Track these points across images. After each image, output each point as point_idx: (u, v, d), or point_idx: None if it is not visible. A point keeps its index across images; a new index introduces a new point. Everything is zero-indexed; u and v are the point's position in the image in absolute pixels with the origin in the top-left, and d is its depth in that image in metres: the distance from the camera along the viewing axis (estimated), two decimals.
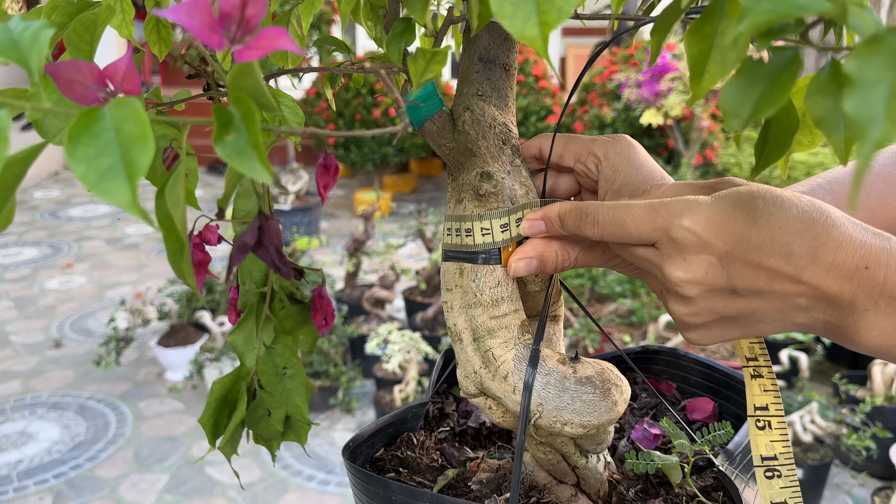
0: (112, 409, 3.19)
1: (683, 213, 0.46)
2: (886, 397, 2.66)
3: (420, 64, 0.46)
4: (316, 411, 3.15)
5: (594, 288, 3.32)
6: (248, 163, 0.31)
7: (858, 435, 2.44)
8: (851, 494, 2.59)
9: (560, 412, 0.53)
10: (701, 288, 0.47)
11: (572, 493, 0.64)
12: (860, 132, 0.25)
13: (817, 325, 0.47)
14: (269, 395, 0.46)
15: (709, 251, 0.46)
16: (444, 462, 0.67)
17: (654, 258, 0.49)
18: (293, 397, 0.46)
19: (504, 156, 0.57)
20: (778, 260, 0.44)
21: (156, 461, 2.83)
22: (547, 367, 0.54)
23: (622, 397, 0.55)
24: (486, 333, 0.56)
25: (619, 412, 0.54)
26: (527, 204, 0.57)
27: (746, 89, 0.32)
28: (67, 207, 6.48)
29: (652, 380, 0.79)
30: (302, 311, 0.49)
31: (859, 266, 0.44)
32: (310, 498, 2.62)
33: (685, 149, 4.61)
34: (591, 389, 0.53)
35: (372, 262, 4.19)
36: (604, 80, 5.55)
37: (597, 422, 0.53)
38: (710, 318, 0.48)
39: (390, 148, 5.92)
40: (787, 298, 0.46)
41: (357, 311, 3.63)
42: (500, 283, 0.56)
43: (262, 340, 0.46)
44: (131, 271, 4.90)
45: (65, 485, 2.68)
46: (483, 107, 0.57)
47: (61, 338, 3.88)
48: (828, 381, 3.14)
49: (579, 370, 0.54)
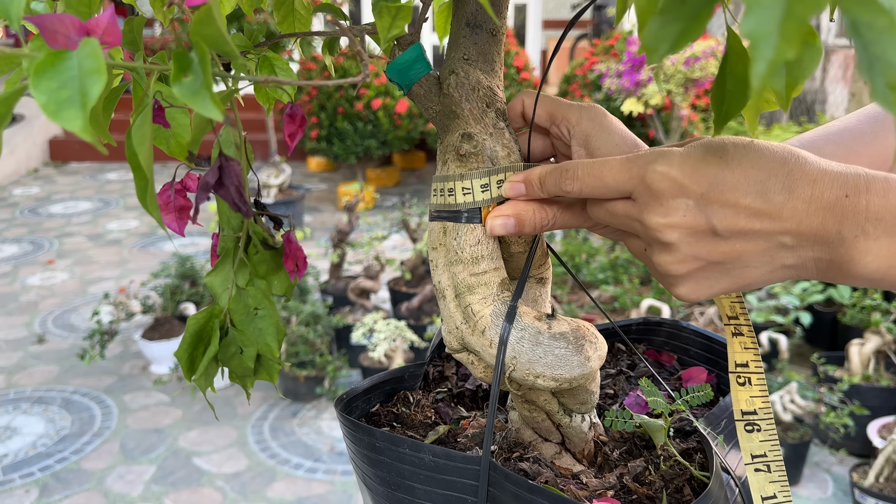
0: (97, 403, 3.18)
1: (657, 160, 0.47)
2: (864, 376, 2.71)
3: (385, 20, 0.47)
4: (302, 401, 3.16)
5: (577, 275, 3.36)
6: (202, 102, 0.34)
7: (836, 413, 2.50)
8: (831, 472, 2.65)
9: (532, 365, 0.55)
10: (681, 231, 0.47)
11: (556, 450, 0.66)
12: (755, 51, 0.26)
13: (808, 265, 0.46)
14: (240, 333, 0.48)
15: (685, 194, 0.46)
16: (437, 419, 0.69)
17: (633, 210, 0.49)
18: (264, 336, 0.48)
19: (487, 118, 0.59)
20: (754, 198, 0.45)
21: (142, 453, 2.82)
22: (522, 323, 0.56)
23: (596, 353, 0.56)
24: (466, 290, 0.57)
25: (592, 368, 0.56)
26: (508, 167, 0.58)
27: (667, 26, 0.33)
28: (48, 204, 6.42)
29: (652, 351, 0.80)
30: (275, 257, 0.51)
31: (839, 196, 0.44)
32: (297, 486, 2.63)
33: (665, 138, 4.65)
34: (564, 344, 0.55)
35: (356, 253, 4.20)
36: (585, 72, 5.59)
37: (568, 375, 0.55)
38: (696, 266, 0.48)
39: (373, 140, 5.92)
40: (770, 237, 0.45)
41: (342, 301, 3.64)
42: (481, 241, 0.58)
43: (235, 282, 0.48)
44: (114, 267, 4.87)
45: (51, 478, 2.67)
46: (468, 70, 0.59)
47: (44, 333, 3.86)
48: (807, 362, 3.20)
49: (554, 326, 0.56)
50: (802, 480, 2.59)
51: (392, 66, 0.59)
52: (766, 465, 0.54)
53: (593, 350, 0.56)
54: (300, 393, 3.15)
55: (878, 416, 2.60)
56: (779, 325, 3.09)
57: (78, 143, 7.94)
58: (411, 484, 0.56)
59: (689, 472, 0.58)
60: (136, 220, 5.93)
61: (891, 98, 0.29)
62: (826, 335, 3.30)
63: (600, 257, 3.44)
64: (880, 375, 2.75)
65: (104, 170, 7.69)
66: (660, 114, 4.84)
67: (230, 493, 2.59)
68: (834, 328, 3.27)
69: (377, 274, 3.53)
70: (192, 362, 0.47)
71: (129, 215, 6.08)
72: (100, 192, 6.86)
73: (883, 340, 2.74)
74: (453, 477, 0.55)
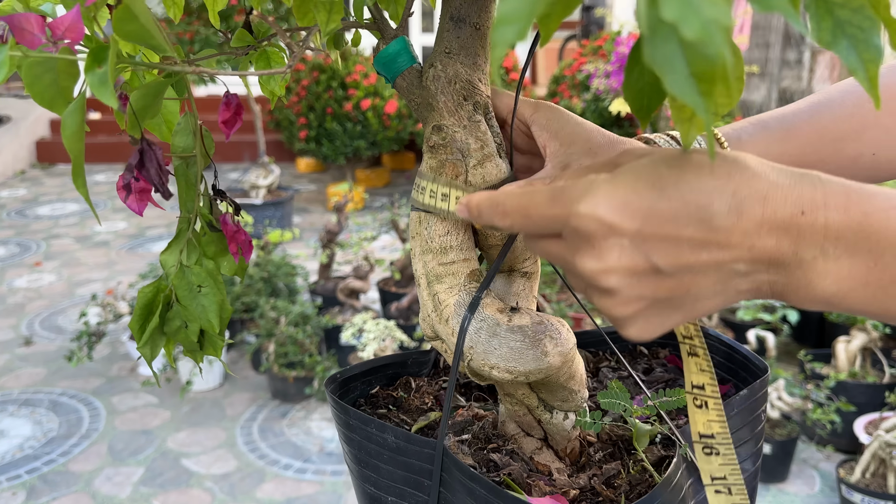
0: (85, 405, 3.17)
1: (581, 199, 0.41)
2: (850, 373, 2.73)
3: (322, 15, 0.48)
4: (292, 402, 3.16)
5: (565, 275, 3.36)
6: (105, 91, 0.38)
7: (823, 409, 2.51)
8: (818, 469, 2.66)
9: (487, 356, 0.55)
10: (619, 275, 0.41)
11: (538, 446, 0.66)
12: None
13: (763, 289, 0.42)
14: (184, 308, 0.50)
15: (616, 234, 0.40)
16: (434, 406, 0.70)
17: (565, 253, 0.44)
18: (207, 313, 0.50)
19: (462, 111, 0.59)
20: (697, 227, 0.40)
21: (130, 454, 2.81)
22: (483, 314, 0.56)
23: (556, 349, 0.56)
24: (434, 279, 0.59)
25: (550, 363, 0.55)
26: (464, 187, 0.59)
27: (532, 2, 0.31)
28: (35, 206, 6.38)
29: (674, 357, 0.78)
30: (222, 239, 0.53)
31: (794, 213, 0.39)
32: (287, 486, 2.62)
33: None
34: (521, 338, 0.55)
35: (346, 253, 4.19)
36: (573, 72, 5.61)
37: (523, 368, 0.55)
38: (642, 306, 0.43)
39: (362, 141, 5.92)
40: (721, 268, 0.41)
41: (331, 302, 3.63)
42: (450, 232, 0.59)
43: (180, 260, 0.51)
44: (102, 268, 4.84)
45: (38, 480, 2.65)
46: (447, 63, 0.59)
47: (31, 335, 3.83)
48: (795, 360, 3.22)
49: (514, 319, 0.56)
50: (790, 477, 2.61)
51: (377, 58, 0.60)
52: (726, 487, 0.52)
53: (553, 346, 0.56)
54: (289, 394, 3.14)
55: (864, 412, 2.62)
56: (766, 323, 3.11)
57: None
58: (377, 463, 0.59)
59: (654, 480, 0.58)
60: (124, 222, 5.90)
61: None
62: (814, 333, 3.32)
63: None
64: (866, 372, 2.78)
65: (91, 171, 7.65)
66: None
67: (219, 494, 2.58)
68: (821, 326, 3.29)
69: (367, 274, 3.53)
70: (142, 332, 0.50)
71: (117, 217, 6.05)
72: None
73: (869, 337, 2.76)
74: (412, 459, 0.57)
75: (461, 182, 0.58)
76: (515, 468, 0.59)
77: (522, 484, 0.58)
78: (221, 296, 0.50)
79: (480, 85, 0.61)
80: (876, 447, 2.29)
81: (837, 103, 0.67)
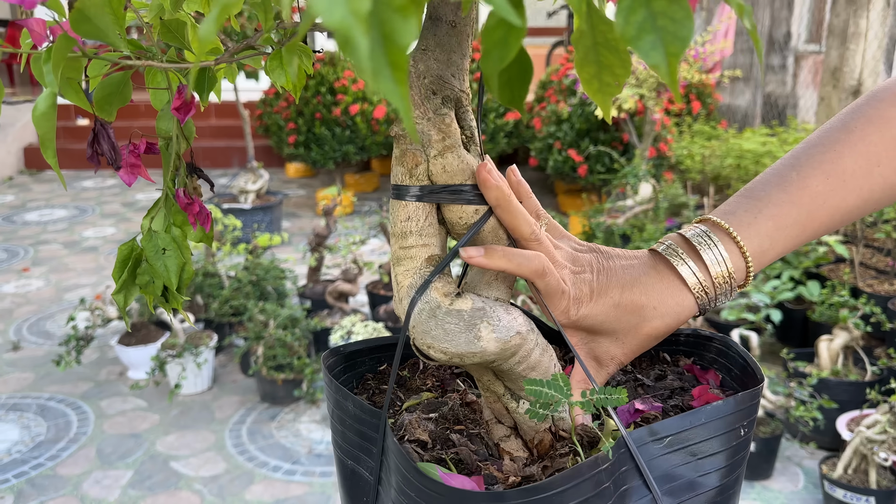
0: (73, 409, 3.16)
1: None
2: (832, 371, 2.77)
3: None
4: (281, 404, 3.17)
5: None
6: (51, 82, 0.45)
7: (806, 407, 2.55)
8: (802, 466, 2.70)
9: (425, 336, 0.58)
10: None
11: (506, 433, 0.67)
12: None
13: None
14: (151, 266, 0.60)
15: None
16: (433, 388, 0.73)
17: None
18: (168, 273, 0.59)
19: (429, 104, 0.61)
20: None
21: (119, 458, 2.81)
22: (429, 296, 0.59)
23: (492, 335, 0.58)
24: (396, 261, 0.62)
25: (483, 347, 0.58)
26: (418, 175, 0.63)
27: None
28: (23, 212, 6.36)
29: (697, 368, 0.76)
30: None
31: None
32: (276, 488, 2.63)
33: (639, 142, 4.72)
34: (457, 321, 0.58)
35: (334, 257, 4.21)
36: (560, 77, 5.65)
37: (454, 350, 0.58)
38: None
39: (351, 146, 5.94)
40: None
41: (320, 305, 3.65)
42: (410, 217, 0.61)
43: (150, 225, 0.61)
44: (90, 274, 4.84)
45: (26, 484, 2.65)
46: (419, 59, 0.62)
47: (19, 340, 3.82)
48: (779, 360, 3.26)
49: (455, 303, 0.59)
50: (774, 474, 2.64)
51: None
52: None
53: (488, 331, 0.58)
54: (278, 396, 3.15)
55: (846, 409, 2.66)
56: (750, 323, 3.15)
57: None
58: (343, 429, 0.65)
59: None
60: (113, 227, 5.90)
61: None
62: (798, 332, 3.36)
63: None
64: (849, 370, 2.82)
65: (80, 177, 7.63)
66: (633, 118, 4.91)
67: (208, 496, 2.59)
68: (805, 325, 3.33)
69: (355, 277, 3.54)
70: (121, 280, 0.59)
71: (106, 222, 6.04)
72: (76, 199, 6.80)
73: (851, 336, 2.80)
74: (364, 428, 0.62)
75: (422, 171, 0.62)
76: (465, 450, 0.61)
77: (472, 465, 0.60)
78: (183, 259, 0.58)
79: (453, 80, 0.63)
80: (857, 443, 2.33)
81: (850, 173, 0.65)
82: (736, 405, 0.62)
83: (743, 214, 0.64)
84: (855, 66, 4.26)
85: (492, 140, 6.07)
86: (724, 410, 0.62)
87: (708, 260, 0.62)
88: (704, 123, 5.23)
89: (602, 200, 5.08)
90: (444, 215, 0.63)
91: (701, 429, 0.61)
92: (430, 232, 0.62)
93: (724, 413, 0.62)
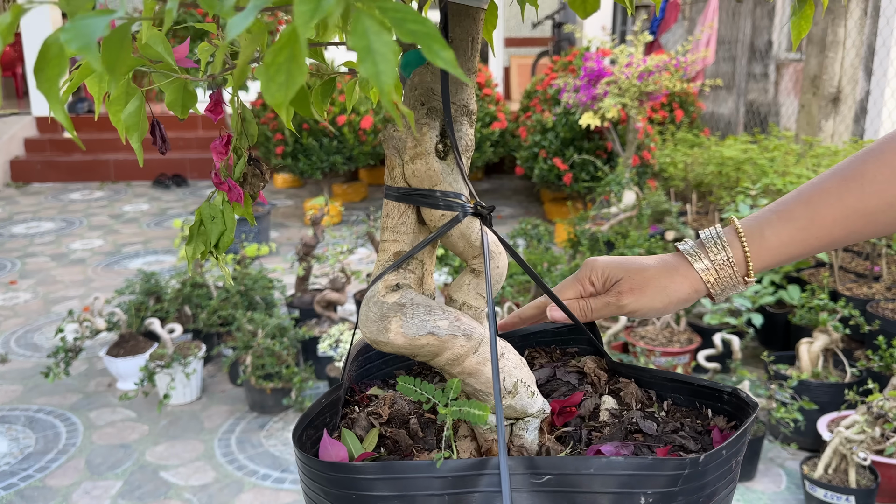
0: (62, 421, 3.17)
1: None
2: (813, 373, 2.82)
3: None
4: (270, 413, 3.18)
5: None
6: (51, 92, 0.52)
7: (787, 408, 2.59)
8: (784, 467, 2.74)
9: (361, 318, 0.66)
10: None
11: (466, 434, 0.70)
12: None
13: None
14: (207, 228, 0.76)
15: None
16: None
17: None
18: (211, 234, 0.76)
19: (415, 113, 0.66)
20: None
21: (108, 468, 2.82)
22: (375, 287, 0.66)
23: (399, 330, 0.62)
24: (378, 252, 0.69)
25: (389, 339, 0.62)
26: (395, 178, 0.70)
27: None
28: (9, 225, 6.35)
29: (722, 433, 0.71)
30: None
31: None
32: (265, 496, 2.65)
33: (622, 150, 4.78)
34: (377, 311, 0.64)
35: (323, 267, 4.23)
36: (545, 87, 5.71)
37: (369, 335, 0.65)
38: None
39: (339, 156, 5.97)
40: None
41: (309, 314, 3.67)
42: (389, 215, 0.68)
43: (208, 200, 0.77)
44: (78, 286, 4.84)
45: (15, 496, 2.66)
46: (416, 73, 0.67)
47: (7, 353, 3.82)
48: (761, 363, 3.31)
49: (388, 297, 0.64)
50: (757, 476, 2.68)
51: (411, 62, 0.69)
52: None
53: (398, 325, 0.62)
54: (267, 405, 3.17)
55: (826, 411, 2.71)
56: (732, 327, 3.19)
57: (40, 163, 7.87)
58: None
59: None
60: (101, 240, 5.89)
61: None
62: (780, 336, 3.41)
63: (561, 265, 3.53)
64: (829, 372, 2.87)
65: (67, 190, 7.62)
66: (616, 127, 4.97)
67: None
68: (787, 329, 3.38)
69: (343, 286, 3.57)
70: (191, 235, 0.76)
71: (93, 234, 6.04)
72: (63, 212, 6.80)
73: (830, 339, 2.85)
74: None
75: (398, 174, 0.68)
76: (402, 434, 0.68)
77: (406, 449, 0.68)
78: (224, 227, 0.76)
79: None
80: (837, 443, 2.37)
81: (869, 178, 0.65)
82: (633, 467, 0.56)
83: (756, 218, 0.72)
84: (834, 73, 4.34)
85: (478, 149, 6.12)
86: (616, 468, 0.56)
87: (703, 236, 0.72)
88: (687, 131, 5.30)
89: (587, 208, 5.13)
90: (424, 216, 0.68)
91: (587, 479, 0.56)
92: (402, 230, 0.68)
93: (616, 470, 0.56)
